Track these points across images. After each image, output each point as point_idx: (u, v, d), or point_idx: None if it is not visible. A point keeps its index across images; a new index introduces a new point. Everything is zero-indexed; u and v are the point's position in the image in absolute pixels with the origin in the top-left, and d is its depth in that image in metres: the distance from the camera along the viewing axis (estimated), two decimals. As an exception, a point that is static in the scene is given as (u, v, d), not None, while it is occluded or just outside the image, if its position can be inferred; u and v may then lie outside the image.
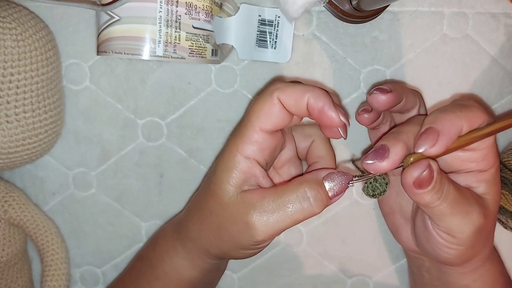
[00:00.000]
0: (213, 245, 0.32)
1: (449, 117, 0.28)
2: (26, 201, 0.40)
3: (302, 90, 0.29)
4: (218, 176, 0.30)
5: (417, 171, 0.28)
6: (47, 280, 0.39)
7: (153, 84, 0.39)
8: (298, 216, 0.29)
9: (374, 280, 0.44)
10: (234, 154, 0.30)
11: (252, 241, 0.29)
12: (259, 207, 0.29)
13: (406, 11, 0.38)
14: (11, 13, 0.33)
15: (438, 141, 0.28)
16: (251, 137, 0.29)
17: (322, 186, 0.29)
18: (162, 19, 0.33)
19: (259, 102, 0.29)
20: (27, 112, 0.34)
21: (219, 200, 0.30)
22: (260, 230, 0.29)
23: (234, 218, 0.29)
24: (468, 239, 0.30)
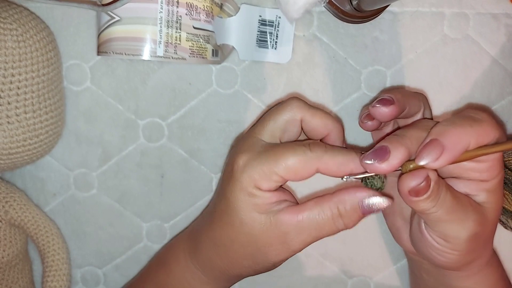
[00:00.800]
0: (249, 270, 0.32)
1: (457, 132, 0.27)
2: (27, 202, 0.40)
3: (343, 165, 0.29)
4: (239, 208, 0.29)
5: (414, 181, 0.27)
6: (48, 280, 0.39)
7: (154, 85, 0.39)
8: (333, 233, 0.30)
9: (375, 280, 0.44)
10: (252, 189, 0.29)
11: (288, 257, 0.30)
12: (296, 228, 0.29)
13: (406, 11, 0.38)
14: (12, 14, 0.33)
15: (442, 156, 0.27)
16: (273, 180, 0.29)
17: (357, 210, 0.29)
18: (163, 19, 0.33)
19: (295, 159, 0.28)
20: (28, 112, 0.34)
21: (248, 230, 0.30)
22: (297, 247, 0.30)
23: (271, 243, 0.30)
24: (463, 245, 0.30)
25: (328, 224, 0.29)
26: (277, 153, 0.28)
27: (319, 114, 0.31)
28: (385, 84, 0.39)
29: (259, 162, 0.29)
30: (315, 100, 0.40)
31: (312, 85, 0.39)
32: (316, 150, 0.28)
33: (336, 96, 0.40)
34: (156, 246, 0.43)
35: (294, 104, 0.31)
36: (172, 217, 0.43)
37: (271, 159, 0.28)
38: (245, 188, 0.29)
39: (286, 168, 0.28)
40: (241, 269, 0.32)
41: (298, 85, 0.39)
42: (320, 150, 0.28)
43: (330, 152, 0.29)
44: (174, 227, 0.43)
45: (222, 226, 0.31)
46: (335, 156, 0.28)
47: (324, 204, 0.29)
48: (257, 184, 0.29)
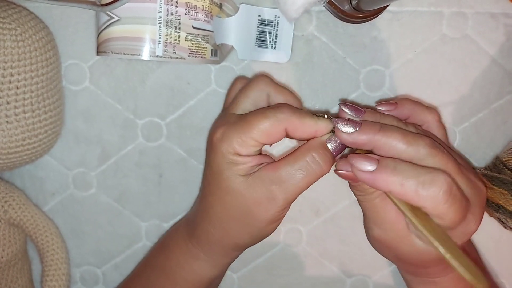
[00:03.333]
0: (243, 235, 0.33)
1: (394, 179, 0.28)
2: (26, 201, 0.40)
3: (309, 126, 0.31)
4: (224, 176, 0.31)
5: (342, 165, 0.31)
6: (47, 280, 0.39)
7: (153, 85, 0.39)
8: (312, 178, 0.31)
9: (373, 279, 0.44)
10: (231, 156, 0.31)
11: (280, 209, 0.31)
12: (277, 179, 0.30)
13: (405, 11, 0.38)
14: (11, 13, 0.33)
15: (364, 175, 0.29)
16: (250, 145, 0.31)
17: (327, 149, 0.31)
18: (162, 19, 0.33)
19: (266, 122, 0.30)
20: (27, 112, 0.34)
21: (234, 192, 0.31)
22: (282, 198, 0.31)
23: (257, 200, 0.31)
24: (369, 237, 0.34)
25: (306, 170, 0.31)
26: (250, 119, 0.31)
27: (282, 91, 0.34)
28: (384, 83, 0.39)
29: (235, 130, 0.31)
30: (314, 100, 0.40)
31: (311, 84, 0.39)
32: (285, 112, 0.30)
33: (335, 95, 0.40)
34: (155, 245, 0.43)
35: (263, 81, 0.34)
36: (170, 216, 0.43)
37: (245, 126, 0.30)
38: (226, 156, 0.31)
39: (259, 131, 0.30)
40: (236, 236, 0.34)
41: (297, 84, 0.39)
42: (288, 112, 0.30)
43: (297, 113, 0.31)
44: (173, 226, 0.43)
45: (211, 195, 0.33)
46: (302, 117, 0.31)
47: (298, 153, 0.31)
48: (236, 151, 0.31)
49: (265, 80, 0.34)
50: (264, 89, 0.34)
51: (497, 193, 0.37)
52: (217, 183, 0.32)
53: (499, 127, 0.40)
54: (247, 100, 0.34)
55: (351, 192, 0.42)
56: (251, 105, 0.34)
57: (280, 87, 0.34)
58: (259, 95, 0.34)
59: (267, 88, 0.34)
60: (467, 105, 0.40)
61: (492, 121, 0.40)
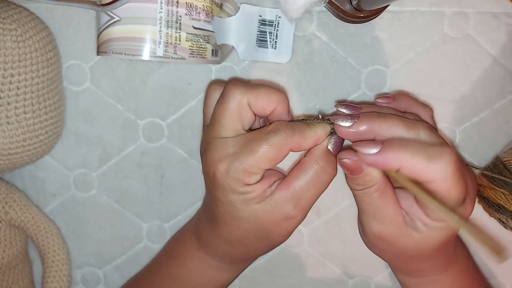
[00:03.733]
0: (263, 249, 0.35)
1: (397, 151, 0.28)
2: (27, 203, 0.40)
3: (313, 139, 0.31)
4: (239, 207, 0.31)
5: (344, 155, 0.30)
6: (48, 281, 0.39)
7: (154, 85, 0.39)
8: (324, 187, 0.31)
9: (375, 280, 0.44)
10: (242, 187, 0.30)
11: (296, 225, 0.32)
12: (291, 198, 0.30)
13: (406, 10, 0.38)
14: (11, 14, 0.33)
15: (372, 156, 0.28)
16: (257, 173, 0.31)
17: (330, 153, 0.31)
18: (163, 19, 0.33)
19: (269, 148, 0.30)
20: (28, 113, 0.34)
21: (254, 219, 0.31)
22: (300, 214, 0.31)
23: (275, 221, 0.31)
24: (366, 234, 0.34)
25: (316, 180, 0.31)
26: (252, 148, 0.29)
27: (262, 93, 0.31)
28: (385, 83, 0.39)
29: (239, 162, 0.29)
30: (315, 100, 0.40)
31: (312, 84, 0.39)
32: (285, 132, 0.30)
33: (336, 95, 0.40)
34: (156, 246, 0.43)
35: (236, 91, 0.31)
36: (172, 217, 0.43)
37: (249, 156, 0.29)
38: (235, 190, 0.30)
39: (265, 159, 0.29)
40: (257, 251, 0.35)
41: (298, 84, 0.39)
42: (288, 131, 0.30)
43: (297, 130, 0.30)
44: (174, 227, 0.43)
45: (230, 226, 0.32)
46: (303, 132, 0.30)
47: (305, 166, 0.31)
48: (245, 182, 0.30)
49: (239, 89, 0.31)
50: (241, 98, 0.31)
51: (497, 193, 0.37)
52: (231, 215, 0.31)
53: (501, 127, 0.40)
54: (228, 117, 0.31)
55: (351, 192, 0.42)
56: (236, 121, 0.31)
57: (256, 90, 0.31)
58: (239, 106, 0.31)
59: (244, 96, 0.31)
60: (468, 105, 0.40)
61: (493, 121, 0.40)
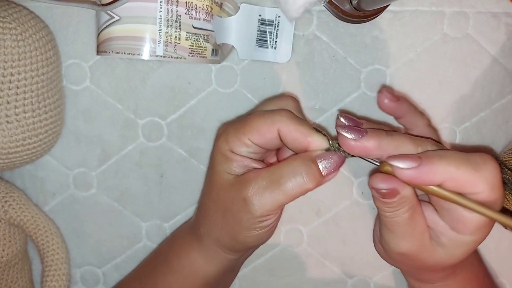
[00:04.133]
0: (222, 232, 0.33)
1: (439, 165, 0.26)
2: (26, 201, 0.40)
3: (303, 134, 0.30)
4: (216, 169, 0.32)
5: (381, 184, 0.28)
6: (47, 280, 0.39)
7: (154, 84, 0.39)
8: (291, 190, 0.29)
9: (374, 280, 0.44)
10: (226, 151, 0.32)
11: (252, 218, 0.30)
12: (254, 184, 0.30)
13: (406, 10, 0.38)
14: (11, 13, 0.33)
15: (409, 171, 0.26)
16: (243, 143, 0.31)
17: (314, 162, 0.29)
18: (162, 19, 0.33)
19: (259, 120, 0.30)
20: (27, 112, 0.34)
21: (220, 187, 0.32)
22: (256, 205, 0.30)
23: (233, 199, 0.31)
24: (388, 252, 0.32)
25: (287, 181, 0.29)
26: (248, 118, 0.31)
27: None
28: (385, 83, 0.39)
29: (233, 127, 0.31)
30: (315, 99, 0.40)
31: (311, 84, 0.39)
32: (282, 114, 0.30)
33: (336, 95, 0.40)
34: (155, 245, 0.43)
35: (290, 102, 0.34)
36: (171, 216, 0.43)
37: (241, 123, 0.31)
38: (221, 150, 0.32)
39: (251, 128, 0.30)
40: (220, 233, 0.33)
41: (298, 84, 0.39)
42: (285, 115, 0.30)
43: (294, 119, 0.30)
44: (174, 226, 0.43)
45: (204, 188, 0.35)
46: (298, 124, 0.30)
47: (283, 163, 0.30)
48: (230, 146, 0.31)
49: (293, 103, 0.34)
50: (287, 106, 0.33)
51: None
52: (209, 176, 0.33)
53: (500, 127, 0.40)
54: (265, 107, 0.34)
55: (352, 192, 0.42)
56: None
57: (300, 114, 0.33)
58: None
59: (291, 108, 0.33)
60: (468, 104, 0.40)
61: (493, 121, 0.40)
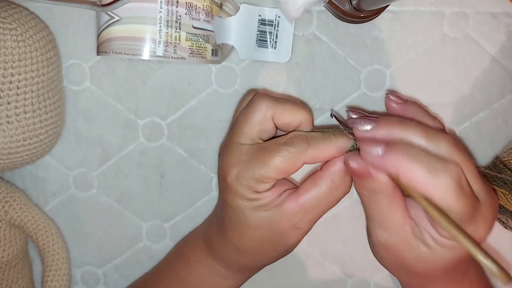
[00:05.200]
0: (271, 259, 0.35)
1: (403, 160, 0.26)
2: (27, 202, 0.40)
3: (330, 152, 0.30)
4: (247, 214, 0.31)
5: (351, 161, 0.28)
6: (47, 280, 0.39)
7: (154, 85, 0.39)
8: (334, 203, 0.31)
9: (374, 280, 0.44)
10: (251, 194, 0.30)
11: (303, 236, 0.32)
12: (300, 211, 0.30)
13: (406, 10, 0.38)
14: (11, 13, 0.33)
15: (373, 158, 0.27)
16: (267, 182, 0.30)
17: (347, 174, 0.30)
18: (162, 19, 0.33)
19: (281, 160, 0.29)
20: (28, 112, 0.34)
21: (262, 228, 0.31)
22: (307, 226, 0.31)
23: (283, 231, 0.31)
24: (372, 243, 0.33)
25: (328, 197, 0.30)
26: (264, 158, 0.29)
27: (288, 109, 0.31)
28: (384, 83, 0.39)
29: (250, 170, 0.30)
30: (315, 100, 0.40)
31: (311, 84, 0.39)
32: (299, 145, 0.29)
33: (335, 95, 0.40)
34: (156, 246, 0.43)
35: (263, 103, 0.31)
36: (172, 217, 0.43)
37: (260, 166, 0.29)
38: (244, 196, 0.30)
39: (276, 170, 0.29)
40: (265, 260, 0.35)
41: (297, 84, 0.39)
42: (303, 144, 0.29)
43: (312, 144, 0.29)
44: (174, 227, 0.43)
45: (238, 233, 0.32)
46: (318, 146, 0.29)
47: (319, 181, 0.30)
48: (255, 189, 0.30)
49: (266, 102, 0.31)
50: (266, 111, 0.31)
51: (497, 193, 0.37)
52: (240, 222, 0.32)
53: (500, 127, 0.40)
54: (250, 126, 0.31)
55: (352, 192, 0.42)
56: (256, 131, 0.31)
57: (283, 105, 0.31)
58: (263, 118, 0.31)
59: (269, 110, 0.31)
60: (468, 104, 0.40)
61: (493, 121, 0.40)
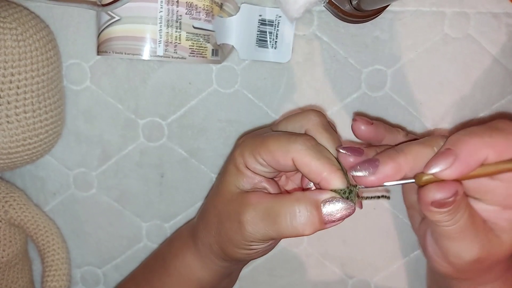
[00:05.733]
0: (214, 240, 0.33)
1: (473, 142, 0.26)
2: (27, 202, 0.40)
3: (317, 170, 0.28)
4: (226, 178, 0.32)
5: (440, 194, 0.26)
6: (47, 280, 0.39)
7: (154, 84, 0.39)
8: (285, 231, 0.28)
9: (375, 280, 0.44)
10: (239, 164, 0.31)
11: (242, 240, 0.30)
12: (253, 209, 0.29)
13: (407, 10, 0.38)
14: (11, 13, 0.33)
15: (452, 166, 0.26)
16: (257, 160, 0.30)
17: (318, 209, 0.27)
18: (163, 19, 0.33)
19: (276, 144, 0.29)
20: (28, 112, 0.34)
21: (223, 198, 0.32)
22: (248, 231, 0.29)
23: (230, 214, 0.31)
24: (460, 265, 0.30)
25: (284, 220, 0.28)
26: (267, 138, 0.30)
27: (325, 135, 0.30)
28: (385, 83, 0.39)
29: (251, 142, 0.31)
30: (315, 100, 0.40)
31: (312, 84, 0.39)
32: (299, 143, 0.28)
33: (336, 95, 0.40)
34: (156, 246, 0.43)
35: (313, 116, 0.31)
36: (172, 216, 0.43)
37: (259, 141, 0.30)
38: (235, 162, 0.31)
39: (267, 151, 0.29)
40: (217, 241, 0.32)
41: (298, 84, 0.39)
42: (303, 145, 0.28)
43: (312, 152, 0.28)
44: (174, 227, 0.43)
45: (211, 194, 0.34)
46: (314, 159, 0.28)
47: (287, 198, 0.28)
48: (245, 160, 0.30)
49: (316, 118, 0.31)
50: (309, 124, 0.31)
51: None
52: (218, 183, 0.33)
53: (501, 127, 0.40)
54: (288, 124, 0.32)
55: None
56: (290, 130, 0.32)
57: (325, 131, 0.30)
58: (301, 127, 0.31)
59: (313, 125, 0.30)
60: (469, 105, 0.40)
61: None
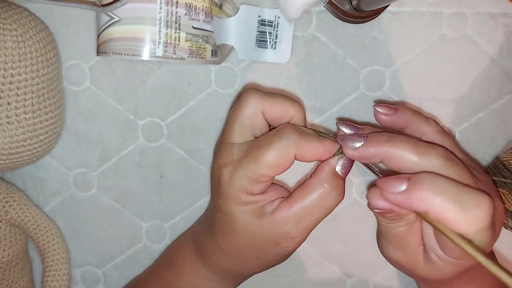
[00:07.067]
0: (258, 268, 0.34)
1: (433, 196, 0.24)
2: (27, 202, 0.40)
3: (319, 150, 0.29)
4: (239, 218, 0.30)
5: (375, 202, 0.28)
6: (48, 280, 0.39)
7: (153, 85, 0.39)
8: (328, 211, 0.30)
9: (374, 280, 0.44)
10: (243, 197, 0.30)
11: (296, 246, 0.31)
12: (292, 219, 0.30)
13: (405, 11, 0.38)
14: (11, 14, 0.33)
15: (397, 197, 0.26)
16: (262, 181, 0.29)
17: (338, 176, 0.30)
18: (162, 20, 0.33)
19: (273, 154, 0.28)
20: (28, 113, 0.34)
21: (253, 235, 0.30)
22: (300, 236, 0.30)
23: (275, 240, 0.30)
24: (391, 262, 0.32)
25: (321, 204, 0.30)
26: (255, 154, 0.28)
27: (278, 103, 0.30)
28: (384, 83, 0.39)
29: (243, 169, 0.29)
30: (314, 100, 0.40)
31: (311, 85, 0.40)
32: (291, 136, 0.28)
33: (335, 96, 0.40)
34: (155, 246, 0.43)
35: (252, 98, 0.30)
36: (171, 217, 0.43)
37: (252, 163, 0.28)
38: (237, 198, 0.29)
39: (268, 165, 0.28)
40: (254, 268, 0.34)
41: (297, 85, 0.40)
42: (294, 135, 0.28)
43: (304, 136, 0.29)
44: (174, 227, 0.43)
45: (226, 237, 0.31)
46: (309, 140, 0.29)
47: (310, 188, 0.30)
48: (248, 191, 0.29)
49: (255, 97, 0.30)
50: (255, 105, 0.30)
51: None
52: (231, 226, 0.31)
53: (499, 127, 0.40)
54: (240, 124, 0.30)
55: (352, 192, 0.42)
56: (248, 128, 0.31)
57: (272, 98, 0.30)
58: (253, 114, 0.30)
59: (259, 104, 0.30)
60: (467, 105, 0.40)
61: (491, 121, 0.40)
